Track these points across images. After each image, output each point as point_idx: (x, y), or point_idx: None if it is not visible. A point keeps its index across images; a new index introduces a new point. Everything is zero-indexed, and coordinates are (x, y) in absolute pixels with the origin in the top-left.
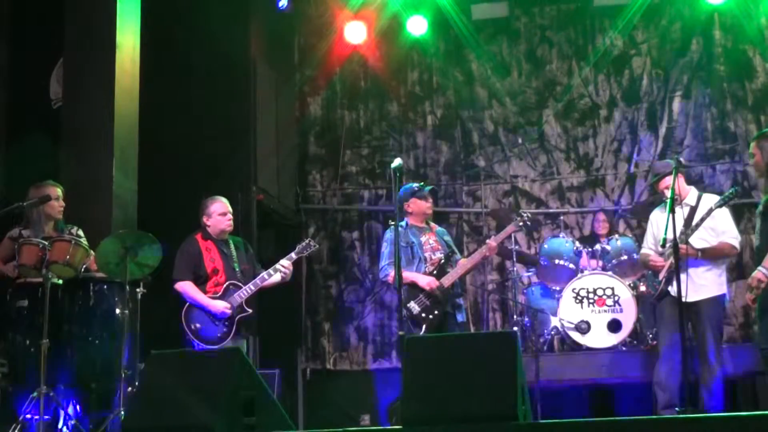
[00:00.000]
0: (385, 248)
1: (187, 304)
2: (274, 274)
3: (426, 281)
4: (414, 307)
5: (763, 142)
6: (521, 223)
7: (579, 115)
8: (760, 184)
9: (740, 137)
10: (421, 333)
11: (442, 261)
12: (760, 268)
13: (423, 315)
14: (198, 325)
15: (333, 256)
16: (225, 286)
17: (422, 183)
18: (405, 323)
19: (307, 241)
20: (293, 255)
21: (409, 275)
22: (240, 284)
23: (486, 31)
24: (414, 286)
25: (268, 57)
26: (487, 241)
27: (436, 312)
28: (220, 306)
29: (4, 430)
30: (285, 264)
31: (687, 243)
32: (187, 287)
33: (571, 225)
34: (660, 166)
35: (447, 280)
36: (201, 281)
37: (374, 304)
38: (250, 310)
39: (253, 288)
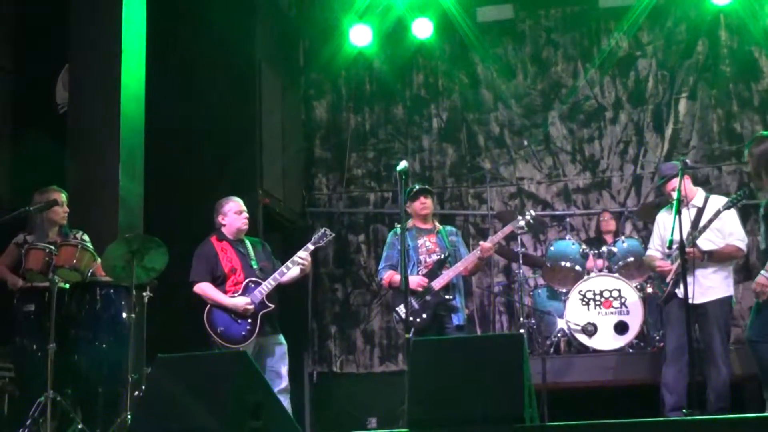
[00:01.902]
0: (384, 251)
1: (208, 306)
2: (293, 267)
3: (415, 282)
4: (402, 310)
5: (753, 149)
6: (521, 222)
7: (584, 116)
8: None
9: (746, 138)
10: (410, 336)
11: (436, 263)
12: (762, 272)
13: (411, 318)
14: (221, 327)
15: (339, 260)
16: (245, 284)
17: (415, 184)
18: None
19: (322, 230)
20: (310, 246)
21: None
22: (260, 281)
23: (491, 33)
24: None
25: (273, 60)
26: (480, 243)
27: (424, 315)
28: (241, 303)
29: None
30: (303, 255)
31: (694, 245)
32: (205, 288)
33: (578, 227)
34: (666, 167)
35: (438, 283)
36: (219, 281)
37: (381, 307)
38: (272, 305)
39: (273, 283)
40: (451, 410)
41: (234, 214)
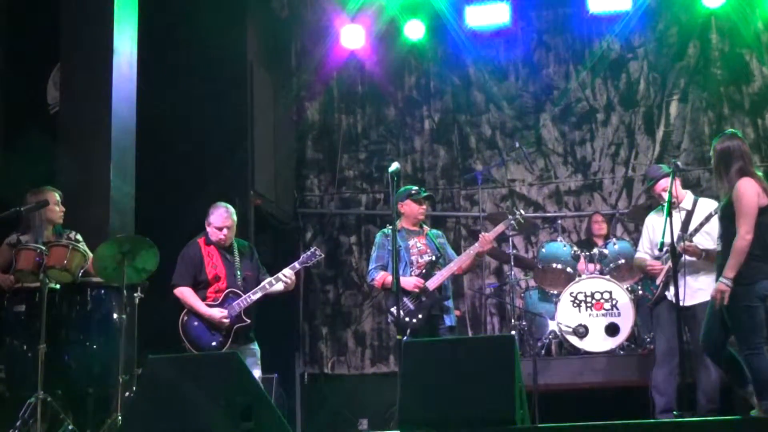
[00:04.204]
0: (373, 252)
1: (185, 310)
2: (276, 284)
3: (412, 283)
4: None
5: (716, 145)
6: (512, 221)
7: (576, 119)
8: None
9: None
10: (405, 338)
11: (428, 264)
12: (721, 279)
13: (407, 319)
14: (194, 334)
15: (331, 261)
16: (225, 293)
17: (422, 188)
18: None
19: (312, 250)
20: (297, 265)
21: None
22: (240, 293)
23: (483, 35)
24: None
25: (265, 61)
26: (481, 234)
27: (420, 316)
28: (217, 315)
29: None
30: (288, 274)
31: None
32: (185, 293)
33: (569, 229)
34: (654, 169)
35: (432, 283)
36: (201, 287)
37: (372, 308)
38: (248, 321)
39: (253, 297)
40: (442, 411)
41: (214, 228)
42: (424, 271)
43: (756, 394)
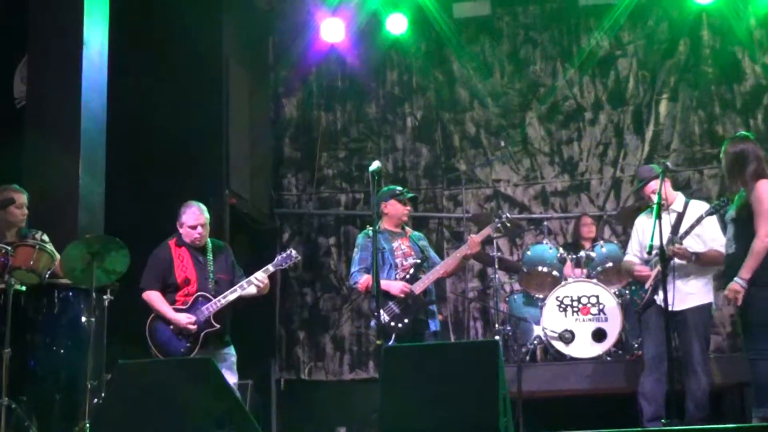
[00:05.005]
0: (356, 254)
1: (152, 315)
2: (248, 287)
3: (398, 287)
4: (383, 316)
5: (729, 146)
6: (499, 224)
7: (563, 117)
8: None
9: None
10: (390, 343)
11: (414, 267)
12: (736, 279)
13: (392, 324)
14: (162, 339)
15: (309, 263)
16: (194, 297)
17: (405, 189)
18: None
19: (288, 252)
20: (270, 267)
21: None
22: (210, 297)
23: (468, 30)
24: (384, 294)
25: (241, 56)
26: (471, 236)
27: (405, 320)
28: (183, 320)
29: None
30: (260, 277)
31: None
32: (153, 297)
33: (555, 231)
34: (644, 170)
35: (418, 287)
36: (171, 290)
37: (351, 312)
38: (218, 326)
39: (222, 301)
40: (424, 419)
41: (188, 228)
42: (409, 274)
43: (755, 400)
